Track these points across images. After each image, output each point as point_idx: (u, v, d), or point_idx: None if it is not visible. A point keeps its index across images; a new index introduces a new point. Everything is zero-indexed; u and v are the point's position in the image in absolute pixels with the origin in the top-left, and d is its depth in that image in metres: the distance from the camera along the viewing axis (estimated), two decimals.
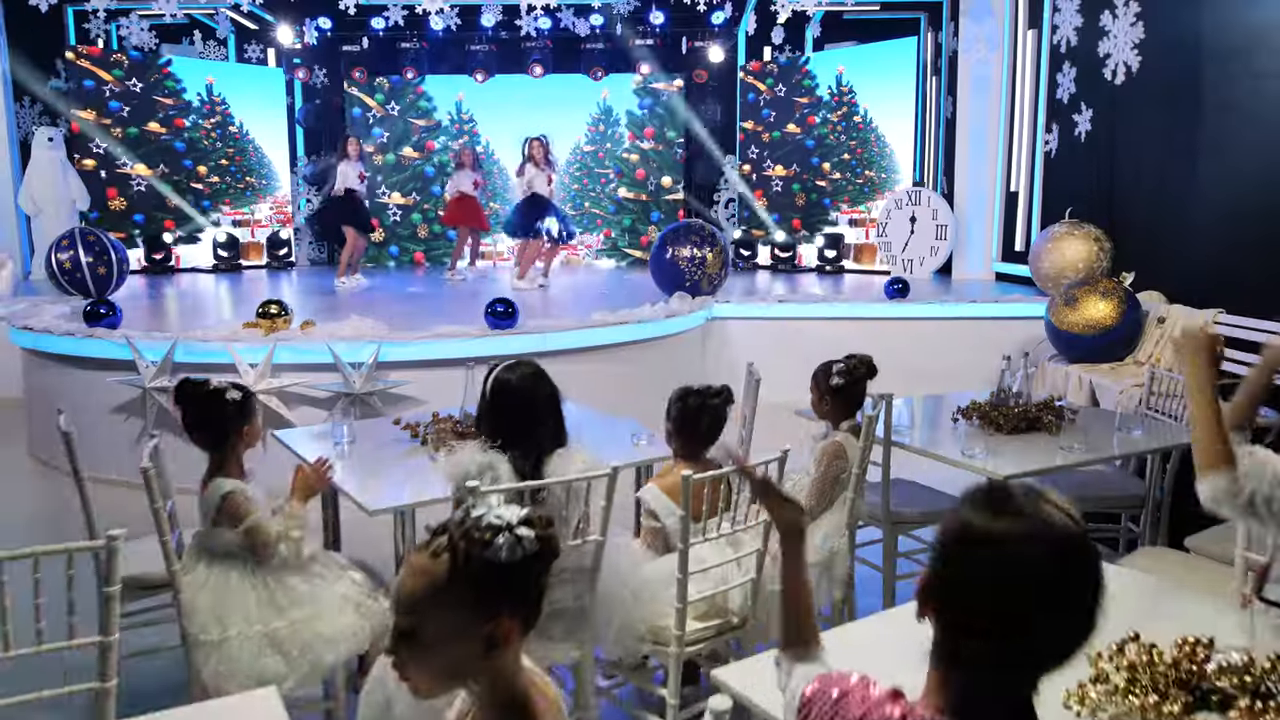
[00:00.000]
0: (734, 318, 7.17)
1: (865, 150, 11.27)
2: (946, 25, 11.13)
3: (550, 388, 2.62)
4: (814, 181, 11.78)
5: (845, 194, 11.54)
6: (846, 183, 11.49)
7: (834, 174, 11.61)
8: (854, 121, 11.41)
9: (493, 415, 2.54)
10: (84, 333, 5.13)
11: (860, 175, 11.33)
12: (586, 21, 11.55)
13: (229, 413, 2.67)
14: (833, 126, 11.59)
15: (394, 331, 4.95)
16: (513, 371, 2.58)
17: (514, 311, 5.19)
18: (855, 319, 7.19)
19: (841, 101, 11.58)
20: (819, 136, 11.76)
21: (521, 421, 2.50)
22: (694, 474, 2.56)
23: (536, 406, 2.54)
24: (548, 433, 2.55)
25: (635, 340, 5.77)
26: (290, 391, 4.85)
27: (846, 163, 11.47)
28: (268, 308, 5.03)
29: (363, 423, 3.62)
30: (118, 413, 5.10)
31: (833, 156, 11.67)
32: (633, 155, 13.40)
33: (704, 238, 7.01)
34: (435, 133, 13.12)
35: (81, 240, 7.39)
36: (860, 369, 3.08)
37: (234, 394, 2.69)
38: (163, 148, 11.66)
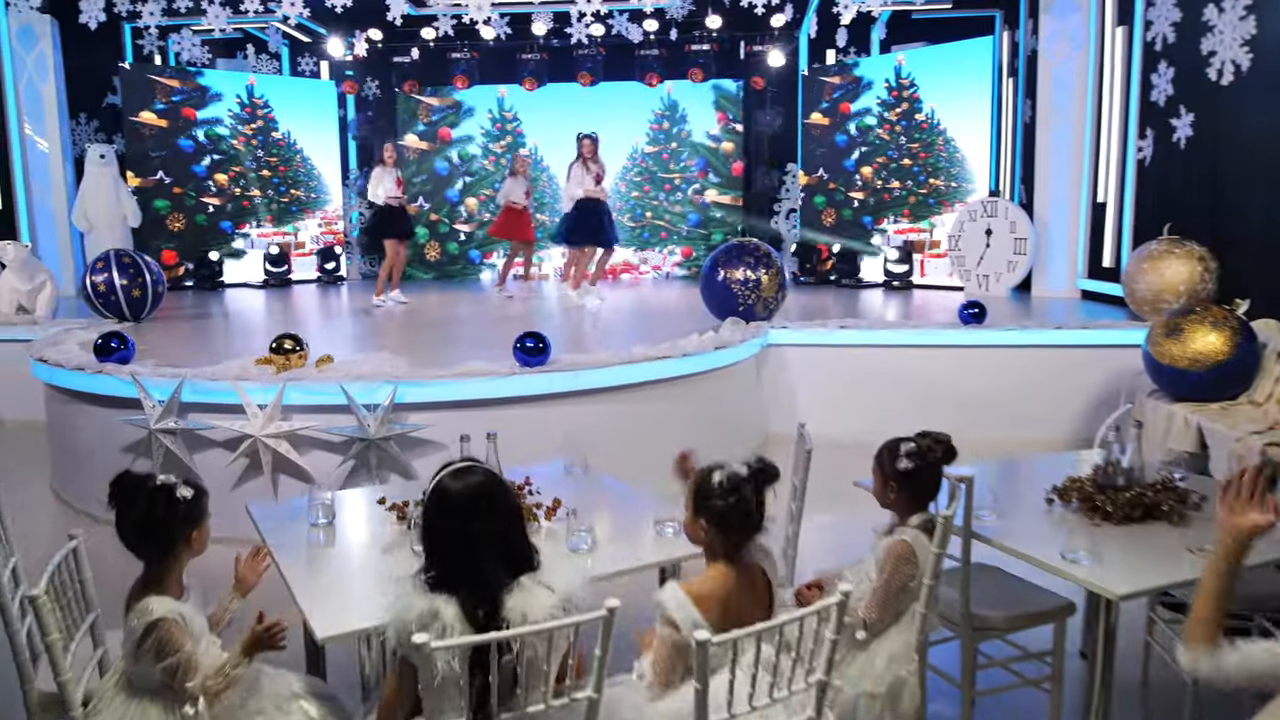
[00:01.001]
0: (792, 344, 6.62)
1: (931, 155, 10.53)
2: (1024, 23, 10.40)
3: (508, 504, 2.00)
4: (864, 188, 11.15)
5: (905, 206, 10.81)
6: (907, 192, 10.76)
7: (891, 181, 10.86)
8: (916, 121, 10.65)
9: (431, 537, 1.96)
10: (94, 368, 4.84)
11: (924, 184, 10.60)
12: (640, 27, 11.08)
13: (177, 517, 2.21)
14: (889, 126, 10.87)
15: (413, 369, 4.53)
16: (461, 479, 1.97)
17: (545, 347, 4.74)
18: (926, 346, 6.57)
19: (901, 98, 10.83)
20: (864, 135, 11.07)
21: (468, 550, 1.91)
22: (732, 577, 2.07)
23: (487, 529, 1.93)
24: (504, 565, 1.93)
25: (681, 375, 5.26)
26: (303, 434, 4.47)
27: (907, 169, 10.73)
28: (281, 342, 4.66)
29: (350, 493, 3.18)
30: (128, 452, 4.79)
31: (884, 159, 10.94)
32: (724, 143, 12.48)
33: (758, 258, 6.48)
34: (463, 141, 12.86)
35: (116, 263, 7.18)
36: (935, 450, 2.52)
37: (184, 491, 2.23)
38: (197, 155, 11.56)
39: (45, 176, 10.44)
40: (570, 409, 4.81)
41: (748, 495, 2.15)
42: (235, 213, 11.95)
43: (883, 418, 6.67)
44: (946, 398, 6.54)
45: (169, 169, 11.38)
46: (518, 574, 1.94)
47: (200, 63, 11.82)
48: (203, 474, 4.63)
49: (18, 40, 10.05)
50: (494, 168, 13.08)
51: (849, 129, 11.38)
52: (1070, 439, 6.39)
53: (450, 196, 13.21)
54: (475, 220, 13.34)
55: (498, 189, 12.77)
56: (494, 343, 6.06)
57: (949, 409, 6.53)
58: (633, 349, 5.18)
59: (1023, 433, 6.41)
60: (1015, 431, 6.41)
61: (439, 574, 1.91)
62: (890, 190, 10.93)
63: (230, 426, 4.43)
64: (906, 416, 6.70)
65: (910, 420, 6.67)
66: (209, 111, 11.68)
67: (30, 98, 10.26)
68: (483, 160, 13.17)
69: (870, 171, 11.19)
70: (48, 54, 10.22)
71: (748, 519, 2.16)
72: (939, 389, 6.55)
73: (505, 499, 2.00)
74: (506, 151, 12.99)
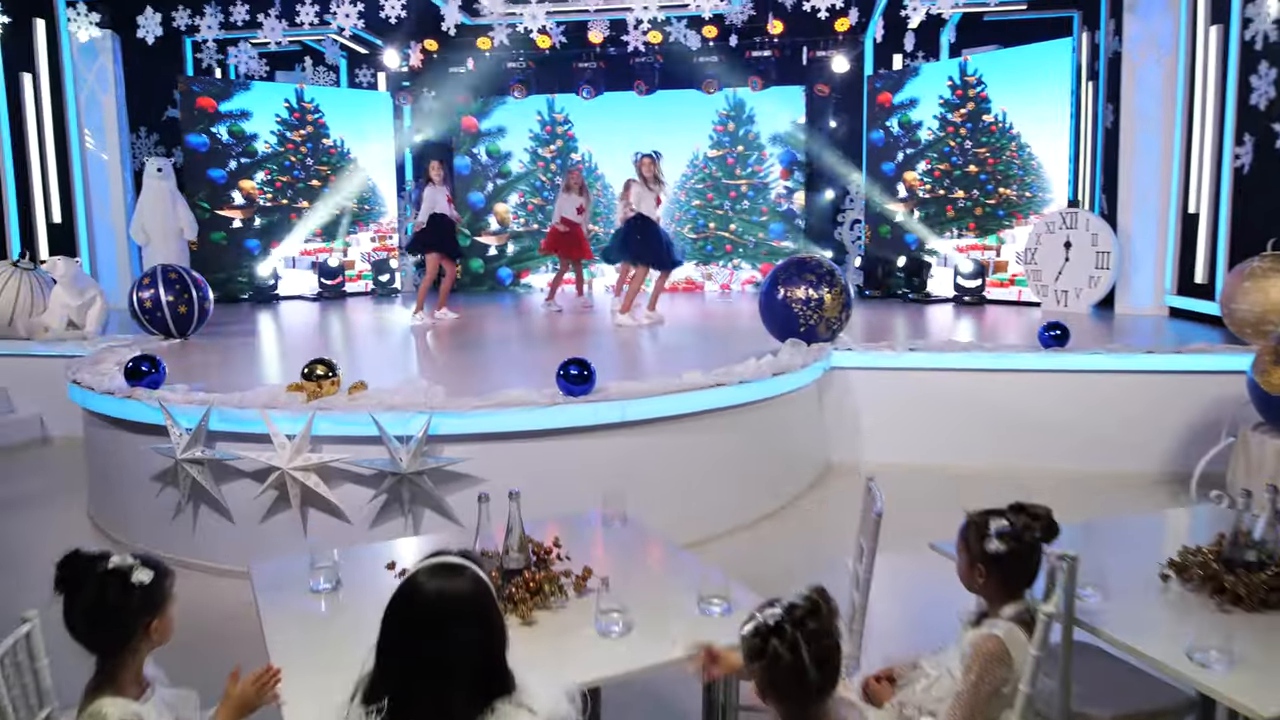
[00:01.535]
0: (856, 368, 6.21)
1: (1000, 161, 9.93)
2: (1106, 24, 9.82)
3: (492, 620, 1.60)
4: (909, 199, 10.62)
5: (969, 218, 10.21)
6: (972, 203, 10.16)
7: (954, 190, 10.26)
8: (983, 123, 10.06)
9: (388, 648, 1.57)
10: (124, 392, 4.67)
11: (993, 194, 10.00)
12: (698, 34, 10.76)
13: (132, 604, 1.89)
14: (953, 128, 10.29)
15: (449, 399, 4.26)
16: (441, 579, 1.57)
17: (590, 375, 4.43)
18: (1002, 371, 6.09)
19: (966, 96, 10.24)
20: (909, 133, 10.52)
21: (433, 673, 1.53)
22: None
23: (463, 650, 1.55)
24: (477, 691, 1.55)
25: (737, 405, 4.90)
26: (333, 466, 4.23)
27: (973, 176, 10.14)
28: (313, 368, 4.43)
29: (357, 553, 2.88)
30: (158, 480, 4.61)
31: (946, 165, 10.34)
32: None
33: (821, 275, 6.08)
34: (492, 135, 12.63)
35: (163, 279, 7.09)
36: (1032, 529, 2.10)
37: (141, 575, 1.90)
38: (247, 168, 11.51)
39: (105, 190, 10.51)
40: (616, 441, 4.49)
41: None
42: (272, 227, 11.66)
43: (954, 447, 6.25)
44: (1024, 426, 6.07)
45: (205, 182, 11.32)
46: (491, 698, 1.55)
47: (259, 75, 11.84)
48: (231, 505, 4.44)
49: (79, 55, 10.13)
50: (544, 175, 12.82)
51: (889, 125, 10.87)
52: (1162, 474, 5.87)
53: (474, 201, 12.65)
54: (507, 231, 12.82)
55: (548, 198, 12.52)
56: (536, 366, 5.78)
57: (1027, 438, 6.07)
58: (685, 375, 4.84)
59: (1109, 466, 5.91)
60: (1101, 465, 5.92)
61: (392, 700, 1.52)
62: (953, 200, 10.37)
63: (257, 458, 4.20)
64: (980, 446, 6.27)
65: (985, 450, 6.26)
66: (252, 125, 11.53)
67: (91, 111, 10.34)
68: (530, 165, 12.79)
69: (914, 176, 10.64)
70: (108, 68, 10.29)
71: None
72: (1016, 416, 6.08)
73: (490, 613, 1.60)
74: (557, 157, 12.67)
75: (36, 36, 9.78)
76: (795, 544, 4.89)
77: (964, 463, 6.07)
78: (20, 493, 6.12)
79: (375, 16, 9.36)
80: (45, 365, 7.24)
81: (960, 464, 6.06)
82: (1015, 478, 5.87)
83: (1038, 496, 5.26)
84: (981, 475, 5.93)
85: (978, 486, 5.78)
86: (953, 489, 5.75)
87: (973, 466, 6.02)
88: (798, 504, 5.51)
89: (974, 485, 5.79)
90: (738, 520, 4.96)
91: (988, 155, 10.15)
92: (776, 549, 4.78)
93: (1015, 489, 5.78)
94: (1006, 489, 5.82)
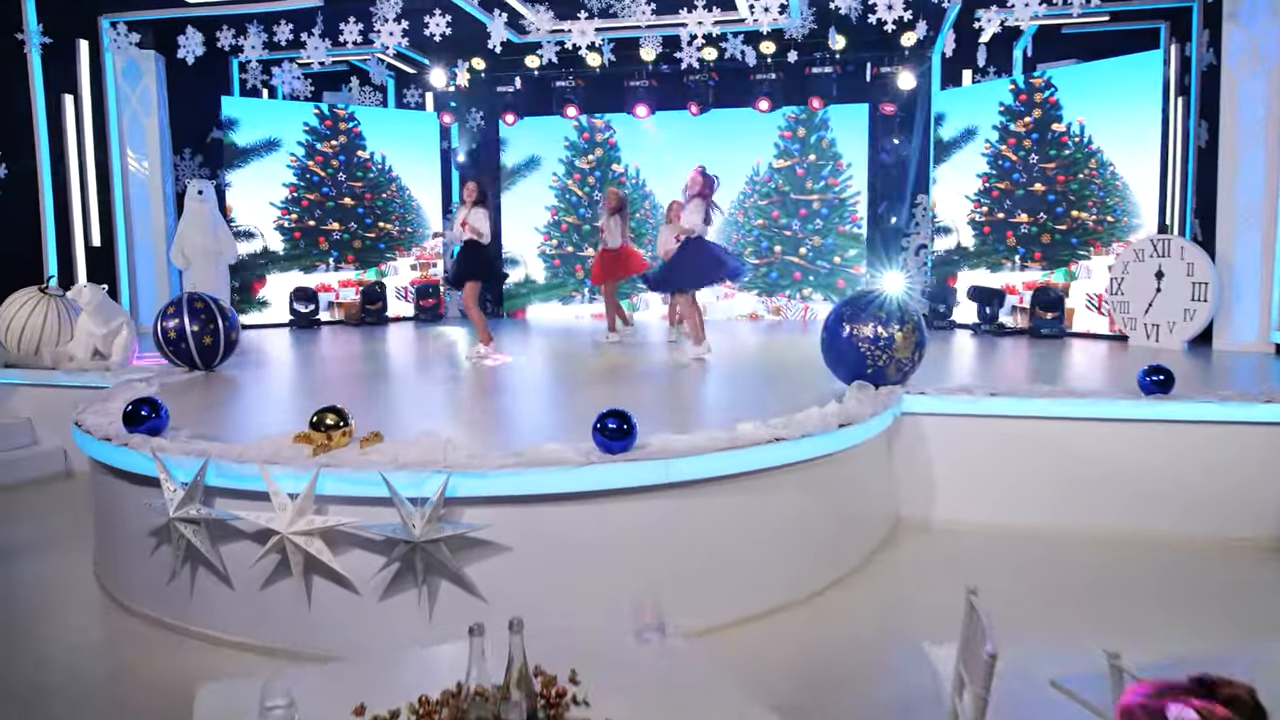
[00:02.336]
0: (930, 414, 5.58)
1: (1075, 179, 9.16)
2: (1198, 35, 9.08)
3: None
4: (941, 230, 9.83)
5: (1036, 247, 9.43)
6: (1038, 228, 9.38)
7: (1015, 213, 9.46)
8: (1053, 134, 9.29)
9: None
10: (120, 439, 4.26)
11: (1064, 218, 9.22)
12: (755, 50, 10.23)
13: None
14: (1015, 140, 9.51)
15: (471, 457, 3.75)
16: None
17: (630, 429, 3.89)
18: (1096, 420, 5.41)
19: (1033, 102, 9.43)
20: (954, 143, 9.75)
21: None
22: None
23: None
24: None
25: (798, 461, 4.32)
26: (340, 530, 3.75)
27: (1039, 197, 9.36)
28: (322, 417, 3.97)
29: (321, 685, 2.35)
30: (154, 536, 4.18)
31: (1006, 184, 9.54)
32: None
33: (891, 311, 5.48)
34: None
35: (188, 308, 6.74)
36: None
37: None
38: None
39: (146, 213, 10.31)
40: (658, 505, 3.95)
41: None
42: (295, 255, 11.20)
43: (1041, 504, 5.55)
44: (1121, 483, 5.38)
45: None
46: None
47: (304, 96, 11.61)
48: (230, 570, 3.99)
49: (123, 76, 9.96)
50: (580, 189, 12.13)
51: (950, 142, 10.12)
52: None
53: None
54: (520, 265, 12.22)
55: (584, 216, 11.91)
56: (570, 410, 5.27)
57: (1124, 497, 5.37)
58: (738, 427, 4.28)
59: (1219, 530, 5.20)
60: (1209, 529, 5.21)
61: None
62: (1014, 226, 9.58)
63: (255, 520, 3.74)
64: (1071, 504, 5.56)
65: (1077, 509, 5.55)
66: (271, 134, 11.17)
67: (134, 133, 10.16)
68: (565, 177, 12.11)
69: (958, 194, 9.74)
70: (151, 89, 10.11)
71: None
72: (1112, 472, 5.40)
73: None
74: (595, 168, 12.16)
75: (80, 57, 9.63)
76: (864, 621, 4.29)
77: (1052, 522, 5.40)
78: (33, 535, 5.78)
79: (420, 35, 9.02)
80: (69, 396, 6.90)
81: (1047, 524, 5.39)
82: (1111, 543, 5.19)
83: (1138, 565, 4.57)
84: (1073, 538, 5.26)
85: (1071, 552, 5.11)
86: (1042, 555, 5.10)
87: (1062, 527, 5.35)
88: (865, 571, 4.90)
89: (1066, 550, 5.13)
90: (797, 591, 4.37)
91: (1058, 172, 9.39)
92: (843, 628, 4.18)
93: (1112, 557, 5.16)
94: (1103, 556, 5.19)
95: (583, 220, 12.20)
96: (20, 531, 5.80)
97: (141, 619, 4.34)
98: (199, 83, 10.65)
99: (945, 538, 5.44)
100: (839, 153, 11.27)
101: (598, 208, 11.54)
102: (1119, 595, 4.59)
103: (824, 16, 9.47)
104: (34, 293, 7.44)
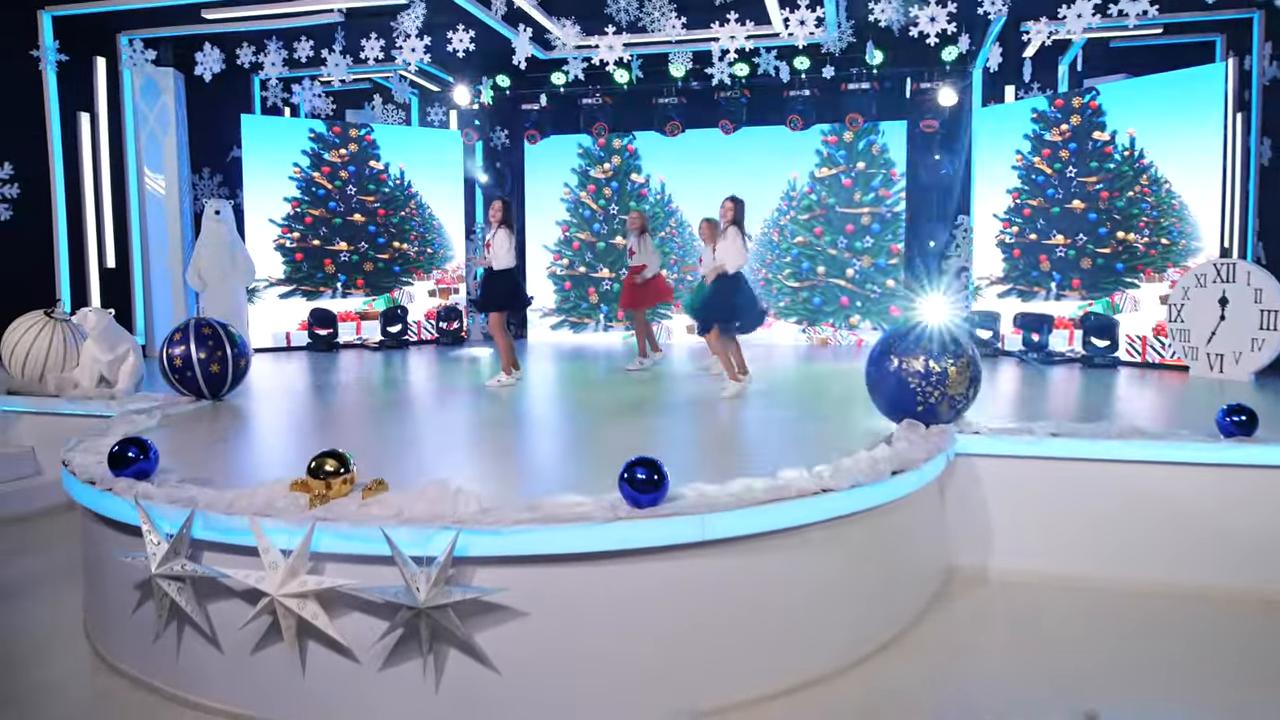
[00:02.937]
0: (985, 455, 5.11)
1: (1121, 195, 8.61)
2: (1260, 47, 8.61)
3: None
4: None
5: (1074, 273, 8.76)
6: (1077, 252, 8.69)
7: (1050, 234, 8.75)
8: (1096, 144, 8.73)
9: None
10: (104, 483, 3.90)
11: (1108, 240, 8.67)
12: (789, 65, 9.86)
13: None
14: (1050, 151, 8.90)
15: (483, 511, 3.35)
16: None
17: (661, 480, 3.47)
18: (1170, 464, 4.92)
19: (1070, 108, 8.78)
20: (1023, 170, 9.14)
21: None
22: None
23: None
24: None
25: (843, 515, 3.89)
26: (339, 590, 3.35)
27: (1078, 215, 8.78)
28: (321, 463, 3.59)
29: None
30: (139, 590, 3.82)
31: (1039, 200, 8.83)
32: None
33: (944, 343, 5.04)
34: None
35: (194, 334, 6.43)
36: None
37: None
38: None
39: (163, 233, 10.08)
40: (692, 565, 3.52)
41: None
42: (299, 277, 10.49)
43: (1107, 555, 5.04)
44: (1198, 533, 4.88)
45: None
46: None
47: (325, 114, 11.37)
48: (218, 630, 3.61)
49: (140, 94, 9.75)
50: (595, 201, 11.44)
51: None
52: None
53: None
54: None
55: (598, 232, 11.40)
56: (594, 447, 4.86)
57: (1201, 549, 4.88)
58: (781, 474, 3.85)
59: None
60: None
61: None
62: (1049, 249, 8.91)
63: (243, 579, 3.36)
64: (1141, 555, 5.04)
65: (1148, 561, 5.02)
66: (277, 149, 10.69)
67: (151, 152, 9.94)
68: (577, 189, 11.38)
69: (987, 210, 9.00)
70: (170, 107, 9.89)
71: None
72: (1188, 521, 4.90)
73: None
74: (611, 177, 11.68)
75: (97, 75, 9.43)
76: (921, 690, 3.83)
77: (1120, 576, 4.91)
78: (28, 574, 5.43)
79: (443, 51, 8.74)
80: (73, 425, 6.61)
81: (1115, 577, 4.90)
82: (1189, 598, 4.70)
83: (1221, 624, 4.03)
84: (1145, 594, 4.78)
85: (1147, 607, 4.63)
86: (1113, 610, 4.62)
87: (1132, 581, 4.86)
88: (917, 630, 4.44)
89: (1137, 609, 4.64)
90: (842, 657, 3.93)
91: (1101, 187, 8.69)
92: (897, 699, 3.73)
93: (1191, 613, 4.67)
94: (1181, 612, 4.69)
95: (597, 236, 11.46)
96: (15, 569, 5.47)
97: (127, 680, 3.97)
98: (219, 100, 10.44)
99: (1004, 590, 4.98)
100: (891, 159, 10.37)
101: (615, 221, 11.12)
102: (1203, 658, 4.11)
103: (862, 30, 9.08)
104: (40, 316, 7.17)
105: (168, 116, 9.92)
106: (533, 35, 8.55)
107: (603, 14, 8.45)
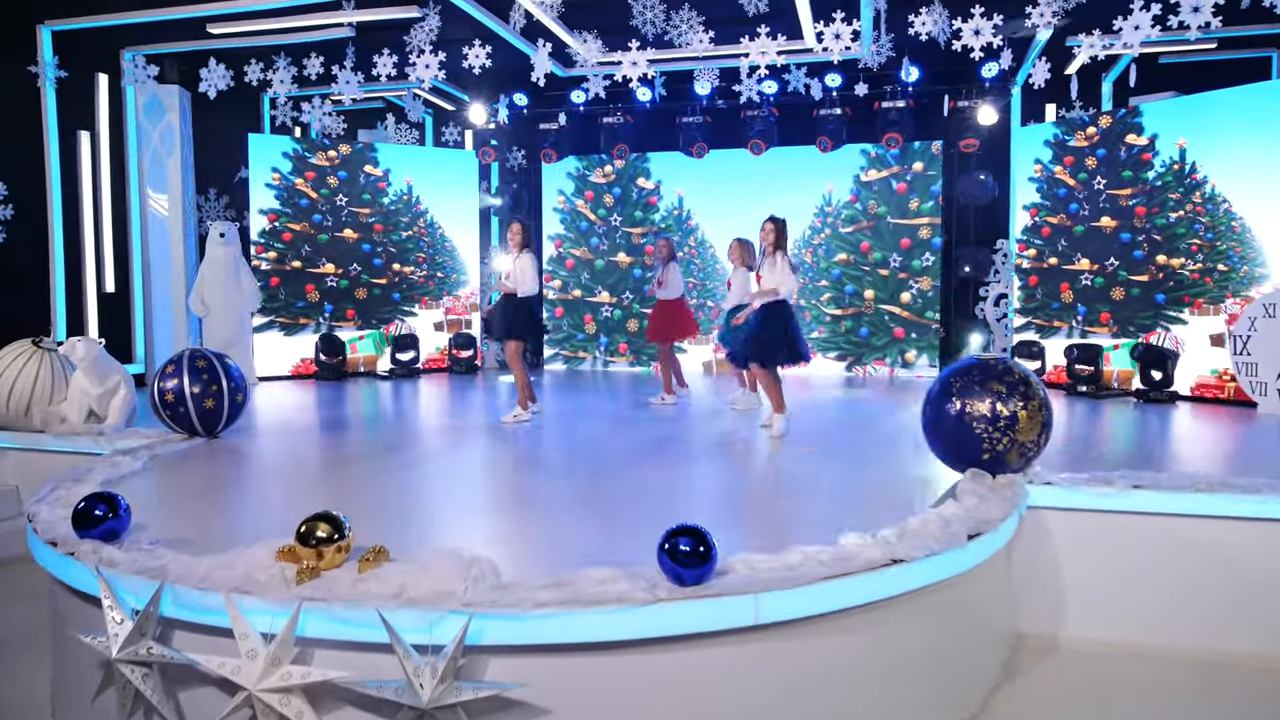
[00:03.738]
0: (1057, 508, 4.58)
1: (1162, 213, 7.96)
2: None
3: None
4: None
5: (1103, 305, 7.93)
6: (1105, 279, 7.96)
7: (1075, 258, 7.82)
8: (1128, 149, 8.02)
9: None
10: (66, 546, 3.42)
11: (1147, 266, 7.99)
12: (821, 82, 9.39)
13: None
14: (1073, 159, 8.01)
15: (500, 589, 2.84)
16: None
17: (708, 552, 2.96)
18: (1270, 520, 4.37)
19: (1099, 109, 8.09)
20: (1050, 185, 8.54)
21: None
22: None
23: None
24: None
25: (915, 590, 3.35)
26: (330, 684, 2.84)
27: (1109, 236, 8.06)
28: (313, 528, 3.09)
29: None
30: (102, 669, 3.31)
31: (1060, 217, 7.92)
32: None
33: (1013, 385, 4.50)
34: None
35: (188, 367, 5.97)
36: None
37: None
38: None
39: (165, 256, 9.66)
40: (744, 652, 3.00)
41: None
42: (274, 306, 9.63)
43: (1197, 622, 4.48)
44: None
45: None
46: None
47: (335, 134, 10.97)
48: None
49: (144, 113, 9.37)
50: (593, 211, 10.51)
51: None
52: None
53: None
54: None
55: (595, 247, 10.79)
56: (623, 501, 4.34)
57: None
58: (843, 540, 3.33)
59: None
60: None
61: None
62: (1072, 275, 7.91)
63: (218, 669, 2.85)
64: (1237, 622, 4.52)
65: (1245, 629, 4.50)
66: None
67: (155, 172, 9.55)
68: (573, 197, 10.52)
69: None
70: (174, 125, 9.50)
71: None
72: None
73: None
74: (613, 183, 10.99)
75: (98, 92, 9.06)
76: None
77: (1211, 646, 4.35)
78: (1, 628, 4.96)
79: (458, 67, 8.31)
80: (59, 463, 6.16)
81: (1206, 647, 4.34)
82: None
83: None
84: (1245, 667, 4.21)
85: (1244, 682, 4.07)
86: (1205, 686, 4.07)
87: (1228, 652, 4.30)
88: (988, 711, 3.89)
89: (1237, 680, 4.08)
90: None
91: (1138, 201, 7.82)
92: None
93: None
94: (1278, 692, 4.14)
95: (595, 253, 10.47)
96: None
97: None
98: (226, 119, 10.06)
99: (1079, 662, 4.42)
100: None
101: (616, 235, 10.54)
102: None
103: (899, 46, 8.61)
104: (27, 346, 6.73)
105: (173, 135, 9.53)
106: (552, 51, 8.11)
107: (626, 27, 8.01)
